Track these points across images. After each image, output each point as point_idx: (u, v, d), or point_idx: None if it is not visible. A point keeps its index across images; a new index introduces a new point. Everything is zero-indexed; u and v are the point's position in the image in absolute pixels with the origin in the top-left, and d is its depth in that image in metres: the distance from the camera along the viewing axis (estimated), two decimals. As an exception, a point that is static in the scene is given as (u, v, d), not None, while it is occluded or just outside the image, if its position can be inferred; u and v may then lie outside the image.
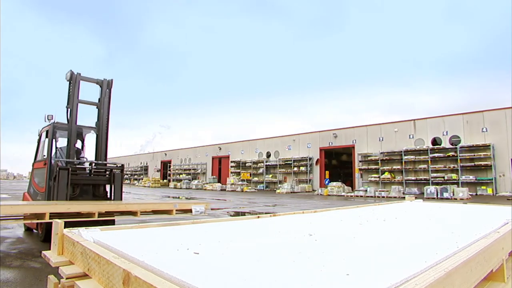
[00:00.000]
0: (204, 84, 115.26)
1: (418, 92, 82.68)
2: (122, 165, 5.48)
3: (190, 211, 4.96)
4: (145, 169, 46.90)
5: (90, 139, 5.76)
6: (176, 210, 4.86)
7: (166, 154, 44.09)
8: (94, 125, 5.59)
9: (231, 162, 33.61)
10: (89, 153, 5.81)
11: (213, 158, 36.53)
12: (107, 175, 5.26)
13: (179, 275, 0.94)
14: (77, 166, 5.16)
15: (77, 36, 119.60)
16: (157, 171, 44.41)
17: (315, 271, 1.05)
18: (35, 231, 5.40)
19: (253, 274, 1.02)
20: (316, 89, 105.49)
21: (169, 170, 42.10)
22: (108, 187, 5.36)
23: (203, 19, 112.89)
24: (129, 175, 49.45)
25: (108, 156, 5.51)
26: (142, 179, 41.93)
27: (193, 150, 39.83)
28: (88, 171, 5.20)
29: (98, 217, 4.09)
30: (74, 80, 5.13)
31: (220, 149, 35.79)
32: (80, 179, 5.02)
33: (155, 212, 4.96)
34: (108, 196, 5.31)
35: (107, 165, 5.35)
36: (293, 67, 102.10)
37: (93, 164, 5.24)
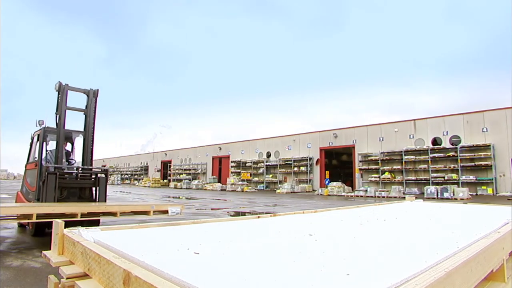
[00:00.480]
0: (204, 84, 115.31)
1: (418, 92, 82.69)
2: (107, 170, 5.95)
3: (166, 212, 5.21)
4: (145, 169, 46.91)
5: (81, 141, 6.07)
6: (154, 211, 5.13)
7: (166, 154, 44.10)
8: (83, 129, 5.96)
9: (231, 162, 33.61)
10: (79, 155, 6.11)
11: (213, 158, 36.53)
12: (92, 179, 5.64)
13: (179, 275, 0.94)
14: (64, 171, 5.47)
15: (77, 36, 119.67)
16: (157, 171, 44.42)
17: (315, 271, 1.05)
18: (27, 227, 5.70)
19: (253, 274, 1.02)
20: (316, 89, 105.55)
21: (169, 170, 42.09)
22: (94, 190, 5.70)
23: (203, 19, 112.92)
24: (129, 175, 49.47)
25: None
26: (142, 179, 41.93)
27: (193, 150, 39.83)
28: (75, 175, 5.56)
29: (82, 217, 4.39)
30: (62, 90, 5.51)
31: (220, 149, 35.80)
32: (68, 182, 5.40)
33: (134, 213, 5.23)
34: (94, 198, 5.64)
35: (93, 169, 5.74)
36: (293, 67, 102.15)
37: (80, 169, 5.62)
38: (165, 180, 40.85)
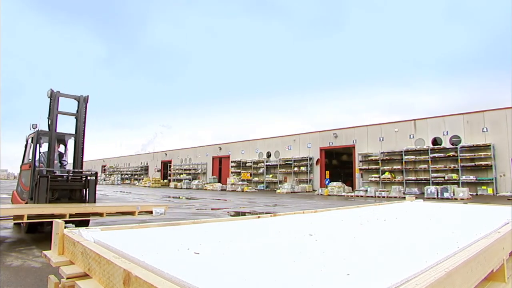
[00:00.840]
0: (204, 84, 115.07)
1: (418, 92, 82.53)
2: (96, 172, 6.21)
3: (151, 212, 5.40)
4: (146, 169, 46.92)
5: (73, 143, 6.30)
6: (139, 212, 5.30)
7: (166, 154, 44.10)
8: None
9: (232, 162, 33.61)
10: (72, 156, 6.29)
11: (213, 158, 36.54)
12: (82, 181, 5.92)
13: (179, 275, 0.94)
14: (56, 174, 5.70)
15: (77, 36, 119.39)
16: (158, 171, 44.42)
17: (316, 271, 1.05)
18: (22, 225, 5.91)
19: (253, 274, 1.02)
20: (316, 89, 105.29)
21: (170, 170, 42.10)
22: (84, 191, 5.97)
23: (203, 19, 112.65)
24: (130, 175, 49.47)
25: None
26: (143, 179, 41.93)
27: (194, 150, 39.84)
28: (66, 178, 5.83)
29: (71, 217, 4.63)
30: (54, 97, 5.78)
31: (221, 149, 35.80)
32: (59, 184, 5.67)
33: (121, 213, 5.40)
34: (84, 199, 5.87)
35: (83, 172, 6.02)
36: (293, 67, 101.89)
37: (71, 172, 5.88)
38: (165, 180, 40.85)
